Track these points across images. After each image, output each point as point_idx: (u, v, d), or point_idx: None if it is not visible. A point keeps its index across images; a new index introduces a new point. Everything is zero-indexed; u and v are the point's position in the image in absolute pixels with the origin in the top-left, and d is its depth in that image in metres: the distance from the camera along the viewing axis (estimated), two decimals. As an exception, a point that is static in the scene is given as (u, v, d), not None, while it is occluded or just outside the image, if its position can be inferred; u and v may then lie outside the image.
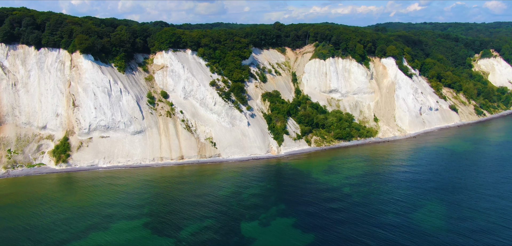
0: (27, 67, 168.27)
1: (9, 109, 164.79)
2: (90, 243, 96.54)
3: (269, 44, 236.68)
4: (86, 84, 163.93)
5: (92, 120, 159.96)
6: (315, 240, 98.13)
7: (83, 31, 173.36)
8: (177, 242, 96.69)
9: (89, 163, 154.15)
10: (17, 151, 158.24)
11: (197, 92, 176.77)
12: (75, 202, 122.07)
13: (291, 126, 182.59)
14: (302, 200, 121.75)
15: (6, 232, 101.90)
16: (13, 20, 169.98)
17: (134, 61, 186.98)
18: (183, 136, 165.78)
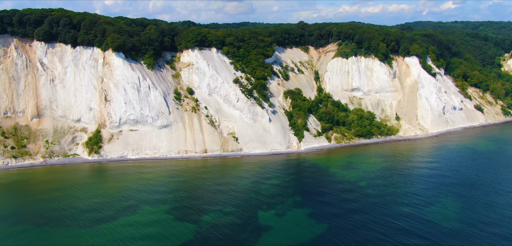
0: (64, 64, 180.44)
1: (47, 103, 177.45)
2: (119, 224, 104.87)
3: (292, 43, 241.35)
4: (117, 80, 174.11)
5: (122, 114, 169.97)
6: (328, 229, 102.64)
7: (115, 31, 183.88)
8: (198, 227, 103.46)
9: (119, 155, 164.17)
10: (54, 142, 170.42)
11: (221, 89, 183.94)
12: (106, 189, 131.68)
13: (312, 123, 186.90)
14: (318, 193, 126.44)
15: (45, 213, 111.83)
16: (52, 20, 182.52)
17: (162, 59, 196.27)
18: (207, 130, 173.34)
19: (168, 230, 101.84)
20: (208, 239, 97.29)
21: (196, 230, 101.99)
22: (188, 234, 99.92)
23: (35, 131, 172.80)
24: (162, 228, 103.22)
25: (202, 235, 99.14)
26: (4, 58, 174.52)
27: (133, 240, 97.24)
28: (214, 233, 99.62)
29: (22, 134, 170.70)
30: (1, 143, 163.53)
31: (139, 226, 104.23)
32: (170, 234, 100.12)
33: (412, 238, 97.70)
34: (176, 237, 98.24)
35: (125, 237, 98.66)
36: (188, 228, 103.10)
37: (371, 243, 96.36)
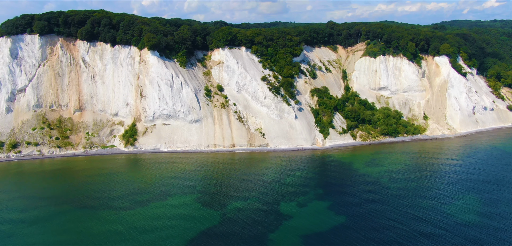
0: (103, 62, 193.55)
1: (88, 97, 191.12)
2: (151, 210, 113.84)
3: (321, 42, 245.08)
4: (152, 77, 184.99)
5: (156, 109, 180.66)
6: (346, 219, 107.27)
7: (151, 30, 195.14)
8: (222, 214, 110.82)
9: (152, 147, 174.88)
10: (93, 134, 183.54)
11: (249, 86, 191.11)
12: (140, 178, 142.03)
13: (338, 121, 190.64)
14: (340, 186, 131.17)
15: (86, 196, 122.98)
16: (94, 20, 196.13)
17: (194, 57, 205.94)
18: (235, 126, 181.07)
19: (196, 215, 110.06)
20: (231, 224, 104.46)
21: (221, 215, 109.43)
22: (214, 219, 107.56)
23: (77, 123, 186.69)
24: (191, 212, 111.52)
25: (226, 220, 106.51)
26: (50, 56, 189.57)
27: (165, 220, 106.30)
28: (237, 220, 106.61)
29: (66, 126, 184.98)
30: (47, 134, 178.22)
31: (170, 210, 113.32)
32: (197, 218, 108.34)
33: (427, 226, 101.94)
34: (203, 221, 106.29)
35: (157, 218, 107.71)
36: (214, 213, 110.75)
37: (386, 229, 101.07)
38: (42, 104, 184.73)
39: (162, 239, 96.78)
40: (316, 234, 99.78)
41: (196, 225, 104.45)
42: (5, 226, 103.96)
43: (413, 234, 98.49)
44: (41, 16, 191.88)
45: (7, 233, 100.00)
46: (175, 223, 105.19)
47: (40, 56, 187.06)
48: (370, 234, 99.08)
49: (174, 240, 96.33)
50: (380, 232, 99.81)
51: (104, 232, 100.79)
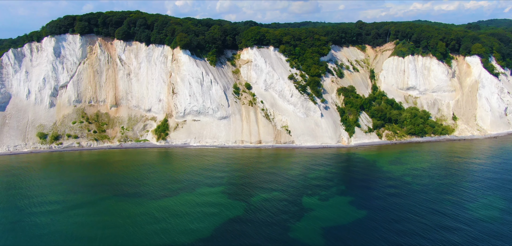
0: (138, 60, 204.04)
1: (123, 94, 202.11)
2: (180, 200, 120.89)
3: (349, 41, 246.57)
4: (183, 75, 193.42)
5: (187, 106, 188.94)
6: (367, 214, 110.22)
7: (183, 30, 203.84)
8: (247, 206, 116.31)
9: (182, 142, 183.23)
10: (128, 128, 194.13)
11: (277, 84, 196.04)
12: (171, 170, 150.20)
13: (363, 120, 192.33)
14: (362, 183, 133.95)
15: (120, 185, 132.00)
16: (130, 21, 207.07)
17: (223, 56, 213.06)
18: (262, 123, 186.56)
19: (222, 203, 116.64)
20: (255, 213, 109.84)
21: (245, 206, 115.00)
22: (239, 209, 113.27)
23: (113, 118, 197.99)
24: (218, 201, 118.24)
25: (250, 210, 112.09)
26: (90, 54, 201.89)
27: (194, 207, 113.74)
28: (261, 209, 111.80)
29: (103, 120, 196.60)
30: (86, 128, 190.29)
31: (198, 198, 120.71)
32: (224, 205, 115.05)
33: (447, 220, 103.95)
34: (229, 209, 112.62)
35: (186, 205, 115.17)
36: (239, 204, 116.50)
37: (405, 220, 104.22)
38: (82, 100, 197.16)
39: (191, 223, 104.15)
40: (336, 226, 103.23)
41: (222, 211, 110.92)
42: (49, 208, 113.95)
43: (433, 227, 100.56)
44: (82, 17, 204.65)
45: (51, 215, 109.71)
46: (203, 209, 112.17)
47: (80, 54, 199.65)
48: (389, 226, 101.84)
49: (202, 224, 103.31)
50: (399, 224, 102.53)
51: (139, 214, 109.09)
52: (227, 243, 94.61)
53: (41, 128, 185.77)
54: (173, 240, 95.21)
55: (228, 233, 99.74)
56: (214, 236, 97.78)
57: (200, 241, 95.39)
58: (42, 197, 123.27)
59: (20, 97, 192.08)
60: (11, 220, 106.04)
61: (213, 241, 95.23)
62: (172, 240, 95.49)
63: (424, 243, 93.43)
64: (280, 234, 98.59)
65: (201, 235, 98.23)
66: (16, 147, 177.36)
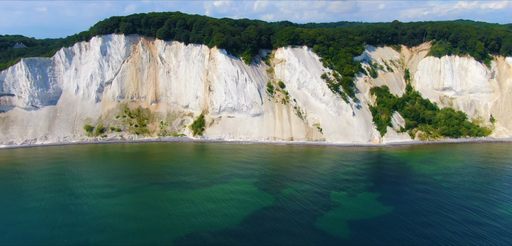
0: (177, 59, 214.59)
1: (163, 91, 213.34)
2: (215, 189, 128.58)
3: (384, 41, 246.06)
4: (220, 73, 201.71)
5: (222, 103, 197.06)
6: (394, 210, 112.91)
7: (220, 30, 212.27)
8: (276, 198, 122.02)
9: (217, 137, 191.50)
10: (167, 123, 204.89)
11: (309, 83, 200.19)
12: (205, 162, 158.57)
13: (396, 119, 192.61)
14: (391, 181, 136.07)
15: (158, 175, 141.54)
16: (170, 22, 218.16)
17: (258, 55, 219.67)
18: (294, 120, 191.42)
19: (253, 193, 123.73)
20: (285, 203, 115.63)
21: (275, 198, 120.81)
22: (270, 199, 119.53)
23: (153, 113, 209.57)
24: (249, 191, 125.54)
25: (279, 201, 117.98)
26: (133, 53, 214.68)
27: (227, 194, 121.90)
28: (290, 202, 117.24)
29: (143, 115, 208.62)
30: (128, 122, 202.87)
31: (232, 187, 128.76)
32: (255, 194, 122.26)
33: (472, 215, 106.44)
34: (259, 199, 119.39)
35: (220, 193, 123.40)
36: (270, 195, 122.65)
37: (431, 213, 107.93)
38: (125, 96, 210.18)
39: (225, 208, 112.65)
40: (362, 219, 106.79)
41: (254, 200, 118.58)
42: (94, 194, 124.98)
43: (459, 221, 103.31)
44: (126, 18, 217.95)
45: (98, 198, 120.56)
46: (237, 197, 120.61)
47: (124, 53, 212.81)
48: (415, 218, 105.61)
49: (235, 210, 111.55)
50: (425, 217, 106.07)
51: (178, 199, 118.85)
52: (259, 226, 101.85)
53: (88, 121, 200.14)
54: (209, 222, 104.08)
55: (260, 218, 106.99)
56: (247, 220, 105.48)
57: (234, 223, 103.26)
58: (89, 181, 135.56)
59: (70, 92, 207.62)
60: (63, 202, 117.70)
61: (246, 224, 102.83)
62: (208, 222, 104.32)
63: (449, 235, 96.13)
64: (308, 222, 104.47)
65: (235, 218, 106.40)
66: (65, 138, 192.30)
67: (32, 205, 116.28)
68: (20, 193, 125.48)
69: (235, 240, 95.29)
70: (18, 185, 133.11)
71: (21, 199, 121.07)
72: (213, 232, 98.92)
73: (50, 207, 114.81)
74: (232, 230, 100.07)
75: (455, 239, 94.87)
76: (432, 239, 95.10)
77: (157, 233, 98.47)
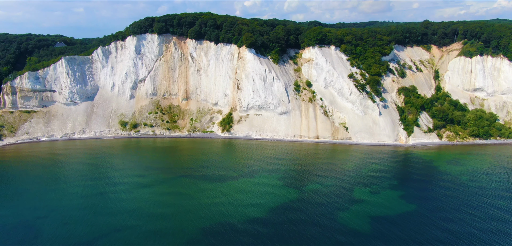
0: (208, 58, 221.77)
1: (193, 88, 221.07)
2: (242, 182, 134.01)
3: (413, 41, 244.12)
4: (248, 72, 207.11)
5: (250, 101, 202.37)
6: (417, 207, 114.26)
7: (249, 30, 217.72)
8: (301, 191, 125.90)
9: (244, 134, 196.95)
10: (196, 120, 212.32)
11: (336, 82, 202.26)
12: (233, 158, 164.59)
13: (423, 120, 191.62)
14: (415, 179, 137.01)
15: (188, 169, 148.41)
16: (201, 22, 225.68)
17: (286, 55, 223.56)
18: (320, 119, 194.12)
19: (279, 187, 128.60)
20: (309, 196, 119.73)
21: (299, 192, 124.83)
22: (295, 192, 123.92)
23: (184, 110, 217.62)
24: (275, 185, 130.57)
25: (304, 194, 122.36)
26: (165, 52, 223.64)
27: (253, 186, 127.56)
28: (313, 197, 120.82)
29: (174, 112, 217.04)
30: (160, 118, 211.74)
31: (258, 182, 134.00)
32: (281, 189, 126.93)
33: (498, 213, 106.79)
34: (285, 191, 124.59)
35: (247, 185, 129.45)
36: (294, 190, 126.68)
37: (453, 211, 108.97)
38: (157, 93, 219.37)
39: (251, 199, 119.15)
40: (383, 216, 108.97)
41: (280, 192, 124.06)
42: (129, 182, 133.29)
43: (483, 219, 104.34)
44: (160, 19, 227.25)
45: (131, 188, 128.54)
46: (263, 189, 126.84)
47: (157, 52, 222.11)
48: (438, 214, 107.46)
49: (261, 200, 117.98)
50: (448, 213, 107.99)
51: (207, 189, 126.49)
52: (283, 216, 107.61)
53: (122, 116, 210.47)
54: (237, 211, 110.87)
55: (284, 208, 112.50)
56: (272, 210, 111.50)
57: (260, 212, 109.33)
58: (124, 172, 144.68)
59: (106, 89, 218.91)
60: (102, 190, 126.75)
61: (272, 213, 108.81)
62: (236, 210, 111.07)
63: (472, 231, 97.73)
64: (330, 214, 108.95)
65: (261, 208, 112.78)
66: (101, 132, 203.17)
67: (74, 190, 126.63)
68: (62, 181, 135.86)
69: (261, 227, 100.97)
70: (60, 173, 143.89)
71: (63, 185, 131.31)
72: (240, 220, 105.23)
73: (90, 193, 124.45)
74: (258, 218, 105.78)
75: (479, 236, 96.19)
76: (455, 234, 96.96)
77: (188, 219, 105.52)
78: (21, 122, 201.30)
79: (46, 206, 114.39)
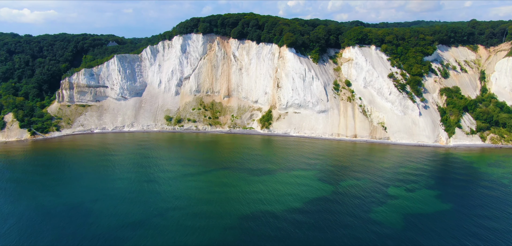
0: (249, 57, 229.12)
1: (235, 86, 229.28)
2: (279, 176, 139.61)
3: (459, 41, 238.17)
4: (288, 71, 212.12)
5: (289, 99, 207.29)
6: (452, 207, 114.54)
7: (290, 30, 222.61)
8: (336, 185, 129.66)
9: (283, 131, 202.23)
10: (237, 116, 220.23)
11: (376, 82, 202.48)
12: (272, 154, 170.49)
13: (466, 121, 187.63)
14: (454, 180, 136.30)
15: (227, 162, 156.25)
16: (244, 22, 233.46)
17: (326, 54, 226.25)
18: (359, 118, 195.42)
19: (315, 180, 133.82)
20: (343, 192, 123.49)
21: (335, 187, 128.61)
22: (329, 188, 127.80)
23: (225, 107, 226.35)
24: (311, 178, 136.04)
25: (339, 188, 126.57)
26: (209, 51, 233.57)
27: (289, 178, 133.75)
28: (347, 193, 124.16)
29: (216, 108, 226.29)
30: (202, 114, 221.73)
31: (295, 174, 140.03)
32: (316, 182, 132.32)
33: None
34: (320, 185, 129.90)
35: (284, 177, 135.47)
36: (329, 185, 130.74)
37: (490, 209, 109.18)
38: (200, 90, 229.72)
39: (289, 189, 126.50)
40: (417, 214, 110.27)
41: (315, 186, 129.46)
42: (174, 171, 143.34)
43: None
44: (204, 19, 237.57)
45: (176, 178, 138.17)
46: (300, 181, 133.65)
47: (201, 51, 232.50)
48: (475, 211, 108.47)
49: (298, 192, 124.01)
50: (485, 210, 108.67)
51: (247, 179, 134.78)
52: (319, 206, 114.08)
53: (168, 112, 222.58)
54: (276, 199, 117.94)
55: (321, 199, 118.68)
56: (309, 200, 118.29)
57: (297, 202, 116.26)
58: (169, 161, 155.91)
59: (153, 86, 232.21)
60: (150, 178, 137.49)
61: (308, 203, 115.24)
62: (275, 199, 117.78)
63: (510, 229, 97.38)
64: (363, 205, 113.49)
65: (298, 198, 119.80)
66: (148, 126, 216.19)
67: (126, 176, 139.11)
68: (114, 168, 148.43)
69: (299, 215, 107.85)
70: (112, 161, 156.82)
71: (115, 172, 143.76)
72: (279, 207, 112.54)
73: (140, 179, 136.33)
74: (296, 207, 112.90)
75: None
76: (492, 231, 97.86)
77: (231, 204, 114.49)
78: (77, 115, 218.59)
79: (101, 189, 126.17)
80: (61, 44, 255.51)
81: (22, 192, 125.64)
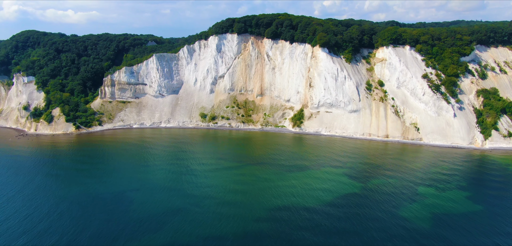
0: (282, 56, 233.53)
1: (268, 85, 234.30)
2: (309, 173, 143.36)
3: (499, 42, 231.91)
4: (320, 71, 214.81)
5: (321, 98, 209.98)
6: (483, 208, 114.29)
7: (323, 30, 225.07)
8: (365, 185, 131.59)
9: (314, 130, 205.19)
10: (269, 115, 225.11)
11: (409, 83, 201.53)
12: (303, 151, 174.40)
13: (504, 124, 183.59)
14: (486, 182, 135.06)
15: (261, 158, 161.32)
16: (278, 22, 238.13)
17: (359, 54, 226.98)
18: (391, 118, 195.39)
19: (344, 179, 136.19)
20: (372, 188, 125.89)
21: (365, 184, 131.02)
22: (359, 185, 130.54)
23: (258, 106, 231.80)
24: (341, 177, 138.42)
25: (368, 186, 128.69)
26: (243, 50, 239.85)
27: (321, 174, 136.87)
28: (376, 190, 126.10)
29: (249, 107, 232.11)
30: (236, 112, 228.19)
31: (325, 171, 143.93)
32: (346, 179, 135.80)
33: None
34: (349, 181, 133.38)
35: (315, 174, 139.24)
36: (359, 182, 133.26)
37: None
38: (234, 89, 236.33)
39: (320, 184, 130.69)
40: (446, 214, 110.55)
41: (344, 183, 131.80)
42: (208, 165, 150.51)
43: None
44: (239, 19, 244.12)
45: (210, 170, 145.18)
46: (330, 177, 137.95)
47: (236, 50, 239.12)
48: (508, 212, 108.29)
49: (327, 186, 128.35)
50: None
51: (279, 174, 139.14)
52: (348, 200, 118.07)
53: (203, 109, 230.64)
54: (307, 194, 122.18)
55: (351, 194, 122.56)
56: (340, 195, 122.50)
57: (327, 196, 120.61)
58: (204, 155, 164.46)
59: (189, 84, 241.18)
60: (185, 170, 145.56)
61: (338, 198, 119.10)
62: (306, 193, 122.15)
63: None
64: (391, 202, 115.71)
65: (329, 192, 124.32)
66: (183, 123, 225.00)
67: (163, 167, 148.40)
68: (152, 161, 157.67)
69: (329, 208, 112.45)
70: (150, 154, 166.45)
71: (153, 164, 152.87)
72: (310, 200, 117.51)
73: (177, 170, 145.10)
74: (326, 201, 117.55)
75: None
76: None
77: (263, 195, 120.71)
78: (117, 111, 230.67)
79: (140, 180, 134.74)
80: (104, 43, 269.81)
81: (72, 179, 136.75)
